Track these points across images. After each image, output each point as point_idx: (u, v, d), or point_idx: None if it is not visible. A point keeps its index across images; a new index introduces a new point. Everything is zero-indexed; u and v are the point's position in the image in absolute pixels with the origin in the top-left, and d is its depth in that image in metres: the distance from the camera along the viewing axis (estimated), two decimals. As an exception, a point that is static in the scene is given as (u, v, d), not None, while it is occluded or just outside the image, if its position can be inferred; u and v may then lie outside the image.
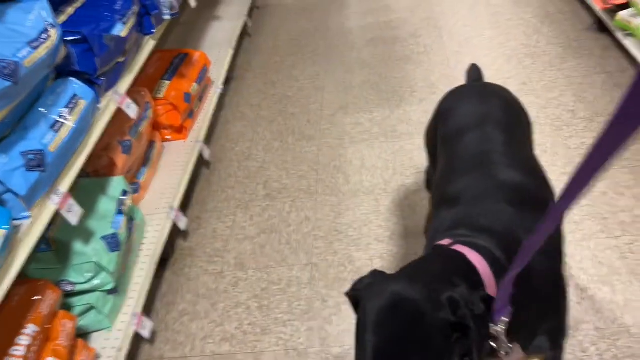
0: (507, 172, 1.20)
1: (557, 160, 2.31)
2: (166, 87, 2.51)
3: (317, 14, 4.06)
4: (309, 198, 2.44)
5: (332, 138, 2.77)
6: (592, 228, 1.99)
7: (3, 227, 1.20)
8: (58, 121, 1.50)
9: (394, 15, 3.78)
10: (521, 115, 1.45)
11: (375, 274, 0.94)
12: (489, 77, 2.79)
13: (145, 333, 1.84)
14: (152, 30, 2.14)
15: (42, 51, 1.40)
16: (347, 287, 1.07)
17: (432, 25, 3.54)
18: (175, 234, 2.38)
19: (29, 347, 1.36)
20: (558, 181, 2.21)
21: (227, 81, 3.41)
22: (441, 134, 1.45)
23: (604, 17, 2.89)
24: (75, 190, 1.84)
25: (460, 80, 1.76)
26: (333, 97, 3.08)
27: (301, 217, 2.36)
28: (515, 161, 1.24)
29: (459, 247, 0.99)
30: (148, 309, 2.09)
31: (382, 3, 3.99)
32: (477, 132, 1.32)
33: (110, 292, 1.73)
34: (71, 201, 1.50)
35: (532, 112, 2.58)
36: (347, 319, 1.90)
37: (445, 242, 1.04)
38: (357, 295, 0.89)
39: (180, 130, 2.58)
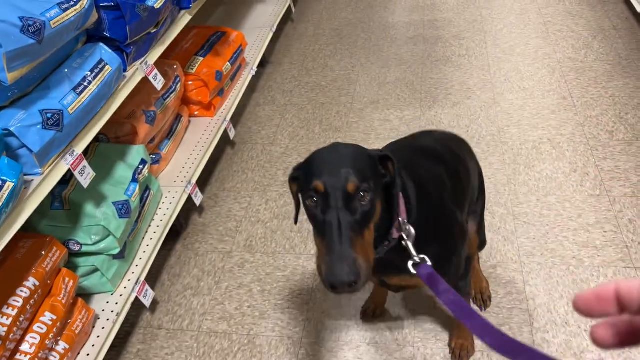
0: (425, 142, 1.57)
1: (586, 182, 2.22)
2: (199, 63, 2.53)
3: (363, 5, 4.01)
4: (327, 189, 2.42)
5: (358, 132, 2.74)
6: (612, 255, 1.90)
7: (12, 180, 1.23)
8: (81, 84, 1.53)
9: (439, 15, 3.70)
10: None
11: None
12: (529, 87, 2.71)
13: (146, 302, 1.87)
14: (189, 5, 2.15)
15: (71, 13, 1.42)
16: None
17: (478, 29, 3.44)
18: (191, 209, 2.40)
19: (27, 299, 1.40)
20: (585, 203, 2.12)
21: (263, 64, 3.42)
22: None
23: (660, 37, 2.74)
24: (93, 154, 1.88)
25: (498, 87, 1.71)
26: (365, 91, 3.04)
27: (316, 207, 2.34)
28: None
29: None
30: (154, 279, 2.12)
31: (429, 1, 3.90)
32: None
33: (115, 256, 1.76)
34: (85, 163, 1.53)
35: (568, 129, 2.49)
36: (346, 314, 1.88)
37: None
38: (297, 175, 1.11)
39: (208, 107, 2.59)
